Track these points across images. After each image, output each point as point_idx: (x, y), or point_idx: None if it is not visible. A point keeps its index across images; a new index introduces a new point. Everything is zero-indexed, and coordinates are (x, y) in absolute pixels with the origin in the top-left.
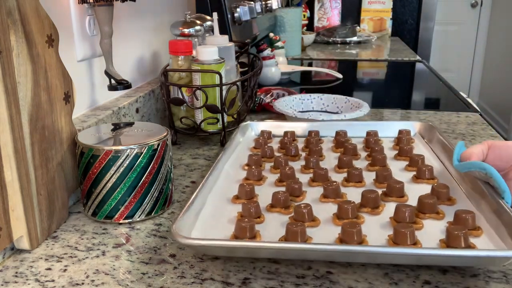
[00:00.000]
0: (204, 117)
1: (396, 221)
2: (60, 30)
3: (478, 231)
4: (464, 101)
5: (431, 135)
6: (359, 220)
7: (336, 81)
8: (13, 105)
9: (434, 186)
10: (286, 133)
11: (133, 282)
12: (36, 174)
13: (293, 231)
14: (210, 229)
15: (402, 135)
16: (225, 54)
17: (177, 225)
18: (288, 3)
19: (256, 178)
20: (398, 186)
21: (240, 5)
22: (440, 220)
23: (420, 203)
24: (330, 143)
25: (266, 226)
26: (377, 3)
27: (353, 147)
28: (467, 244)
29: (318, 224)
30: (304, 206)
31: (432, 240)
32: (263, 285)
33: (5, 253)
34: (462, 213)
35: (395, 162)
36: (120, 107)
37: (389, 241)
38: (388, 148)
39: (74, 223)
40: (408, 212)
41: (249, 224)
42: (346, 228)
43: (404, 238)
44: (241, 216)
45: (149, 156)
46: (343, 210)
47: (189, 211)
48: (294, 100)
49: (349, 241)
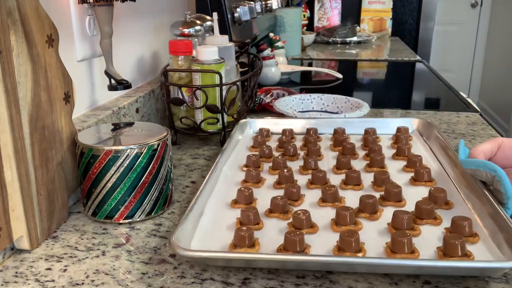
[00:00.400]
0: (204, 117)
1: (394, 228)
2: (60, 30)
3: (475, 238)
4: (464, 101)
5: (429, 132)
6: (357, 226)
7: (336, 81)
8: (13, 105)
9: (431, 191)
10: (285, 131)
11: (133, 282)
12: (36, 174)
13: (291, 240)
14: (209, 238)
15: (400, 133)
16: (225, 54)
17: (176, 235)
18: (288, 3)
19: (254, 181)
20: (396, 191)
21: (240, 5)
22: (437, 226)
23: (417, 209)
24: (328, 141)
25: (265, 232)
26: (377, 3)
27: (351, 146)
28: (464, 252)
29: (317, 230)
30: (302, 212)
31: (430, 247)
32: (263, 285)
33: (5, 253)
34: (459, 220)
35: (393, 163)
36: (120, 107)
37: (387, 249)
38: (386, 147)
39: (74, 223)
40: (405, 219)
41: (248, 233)
42: (344, 237)
43: (402, 246)
44: (240, 223)
45: (149, 156)
46: (341, 217)
47: (187, 220)
48: (294, 100)
49: (347, 249)
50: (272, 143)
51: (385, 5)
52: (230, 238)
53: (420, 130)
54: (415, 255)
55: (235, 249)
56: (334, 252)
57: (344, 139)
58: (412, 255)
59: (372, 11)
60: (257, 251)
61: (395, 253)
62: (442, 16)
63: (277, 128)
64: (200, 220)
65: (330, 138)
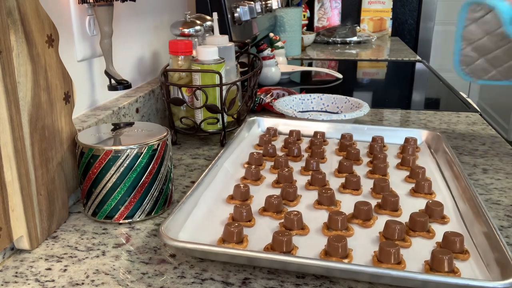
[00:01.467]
0: (204, 117)
1: (384, 237)
2: (60, 30)
3: (465, 255)
4: (464, 101)
5: (438, 145)
6: (348, 232)
7: (336, 81)
8: (13, 105)
9: (429, 203)
10: (292, 132)
11: (133, 282)
12: (36, 174)
13: (278, 240)
14: (200, 230)
15: (408, 143)
16: (225, 54)
17: (166, 225)
18: (288, 3)
19: (253, 178)
20: (393, 200)
21: (240, 5)
22: (429, 239)
23: (411, 220)
24: (335, 146)
25: (256, 230)
26: (377, 3)
27: (356, 152)
28: (451, 268)
29: (307, 232)
30: (294, 213)
31: (418, 260)
32: (263, 285)
33: (5, 253)
34: (451, 235)
35: (396, 172)
36: (120, 107)
37: (374, 258)
38: (392, 156)
39: (74, 223)
40: (397, 230)
41: (237, 229)
42: (331, 241)
43: (389, 256)
44: (232, 219)
45: (149, 156)
46: (332, 221)
47: (180, 211)
48: (294, 100)
49: (333, 254)
50: (278, 143)
51: (385, 5)
52: (221, 233)
53: (428, 142)
54: (401, 266)
55: (223, 244)
56: (321, 256)
57: (350, 145)
58: (398, 266)
59: (372, 11)
60: (244, 247)
61: (381, 262)
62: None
63: (285, 129)
64: (193, 212)
65: (337, 143)
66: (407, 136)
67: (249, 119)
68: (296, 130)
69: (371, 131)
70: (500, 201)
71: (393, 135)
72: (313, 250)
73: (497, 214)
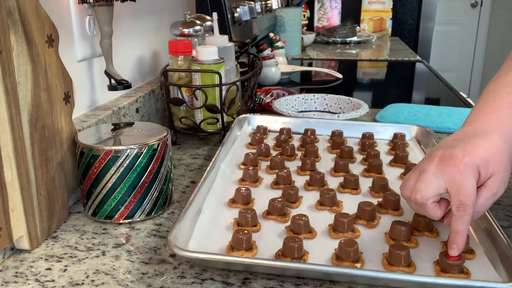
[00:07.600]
0: (204, 117)
1: (391, 238)
2: (60, 30)
3: (471, 255)
4: (464, 101)
5: (427, 140)
6: (354, 233)
7: (336, 81)
8: (13, 105)
9: None
10: (282, 130)
11: (133, 282)
12: (36, 174)
13: (290, 247)
14: (207, 238)
15: (398, 139)
16: (225, 54)
17: (174, 234)
18: (288, 3)
19: (252, 180)
20: (394, 199)
21: (240, 5)
22: (434, 238)
23: (415, 221)
24: (326, 143)
25: (263, 235)
26: (377, 3)
27: (349, 150)
28: (461, 270)
29: (314, 236)
30: (300, 217)
31: (426, 261)
32: (263, 285)
33: (5, 253)
34: None
35: (390, 169)
36: (120, 107)
37: (384, 260)
38: (383, 152)
39: (74, 223)
40: (403, 231)
41: (246, 236)
42: (343, 246)
43: (399, 259)
44: (237, 224)
45: (149, 156)
46: (339, 223)
47: (185, 218)
48: (297, 100)
49: (345, 259)
50: (269, 141)
51: (385, 5)
52: (228, 239)
53: (418, 137)
54: (412, 268)
55: (233, 252)
56: (332, 261)
57: (341, 142)
58: (409, 268)
59: (372, 11)
60: (254, 254)
61: (392, 265)
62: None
63: (275, 126)
64: (198, 220)
65: (327, 139)
66: (395, 131)
67: (239, 117)
68: (287, 128)
69: (360, 127)
70: (500, 201)
71: (382, 131)
72: (323, 254)
73: (497, 214)
